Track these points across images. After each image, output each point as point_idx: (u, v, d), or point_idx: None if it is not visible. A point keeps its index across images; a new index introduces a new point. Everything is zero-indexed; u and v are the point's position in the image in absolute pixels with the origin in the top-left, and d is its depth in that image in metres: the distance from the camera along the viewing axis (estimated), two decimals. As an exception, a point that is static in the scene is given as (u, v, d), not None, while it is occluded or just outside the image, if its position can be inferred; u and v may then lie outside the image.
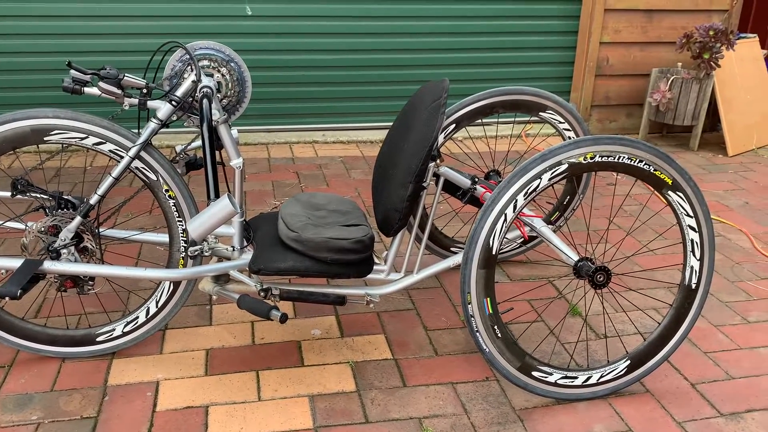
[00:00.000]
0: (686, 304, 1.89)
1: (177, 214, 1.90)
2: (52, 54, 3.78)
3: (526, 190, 1.70)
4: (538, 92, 2.32)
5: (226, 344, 2.10)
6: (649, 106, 4.30)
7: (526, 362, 1.83)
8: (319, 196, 2.11)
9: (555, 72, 4.48)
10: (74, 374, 1.94)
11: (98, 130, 1.80)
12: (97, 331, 1.99)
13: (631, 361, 1.91)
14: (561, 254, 1.88)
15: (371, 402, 1.87)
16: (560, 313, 2.34)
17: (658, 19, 4.34)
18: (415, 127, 1.90)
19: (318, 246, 1.82)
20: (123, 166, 1.81)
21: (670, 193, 1.80)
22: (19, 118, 1.77)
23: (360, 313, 2.31)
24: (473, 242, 1.72)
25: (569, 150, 1.70)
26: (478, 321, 1.77)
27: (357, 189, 3.43)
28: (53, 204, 1.88)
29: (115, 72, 1.77)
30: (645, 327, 2.28)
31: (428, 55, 4.26)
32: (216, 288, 1.93)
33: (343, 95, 4.25)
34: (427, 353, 2.09)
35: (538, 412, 1.85)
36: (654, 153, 1.74)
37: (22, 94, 3.83)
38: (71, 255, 1.85)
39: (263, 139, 4.16)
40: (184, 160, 2.01)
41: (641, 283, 2.57)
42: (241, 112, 1.99)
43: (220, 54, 1.92)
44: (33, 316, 2.21)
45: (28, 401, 1.82)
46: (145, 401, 1.83)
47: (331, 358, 2.05)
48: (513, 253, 2.67)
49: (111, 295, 2.34)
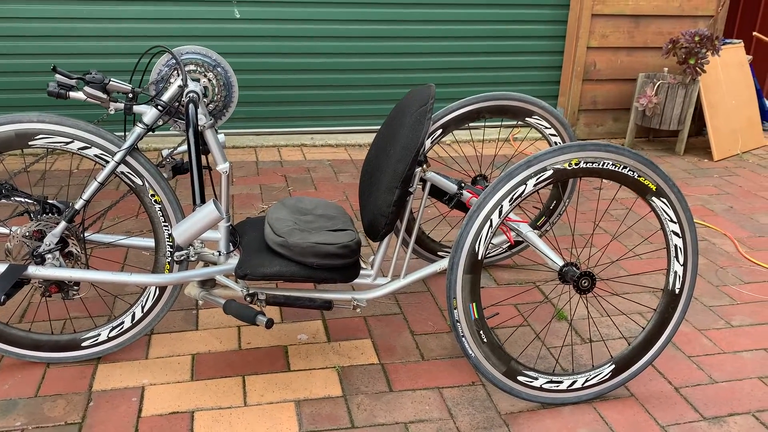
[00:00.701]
0: (670, 309, 1.90)
1: (163, 219, 1.89)
2: (37, 56, 3.76)
3: (511, 196, 1.71)
4: (524, 98, 2.34)
5: (212, 349, 2.09)
6: (635, 111, 4.34)
7: (512, 367, 1.83)
8: (305, 200, 2.11)
9: (542, 76, 4.51)
10: (59, 380, 1.92)
11: (83, 135, 1.79)
12: (82, 336, 1.98)
13: (616, 365, 1.92)
14: (546, 259, 1.89)
15: (357, 407, 1.87)
16: (546, 317, 2.36)
17: (645, 25, 4.38)
18: (401, 133, 1.90)
19: (304, 251, 1.82)
20: (108, 170, 1.80)
21: (654, 199, 1.81)
22: (3, 123, 1.76)
23: (347, 317, 2.31)
24: (459, 247, 1.72)
25: (554, 156, 1.71)
26: (463, 326, 1.77)
27: (345, 192, 3.43)
28: (38, 208, 1.87)
29: (100, 77, 1.76)
30: (630, 331, 2.29)
31: (416, 59, 4.27)
32: (202, 293, 1.93)
33: (331, 98, 4.25)
34: (414, 358, 2.10)
35: (523, 417, 1.86)
36: (638, 159, 1.76)
37: (7, 96, 3.80)
38: (56, 260, 1.84)
39: (251, 142, 4.15)
40: (171, 165, 2.00)
41: (626, 287, 2.59)
42: (227, 116, 1.99)
43: (206, 59, 1.92)
44: (17, 321, 2.19)
45: (12, 407, 1.81)
46: (130, 407, 1.83)
47: (317, 363, 2.05)
48: (499, 258, 2.69)
49: (96, 300, 2.33)
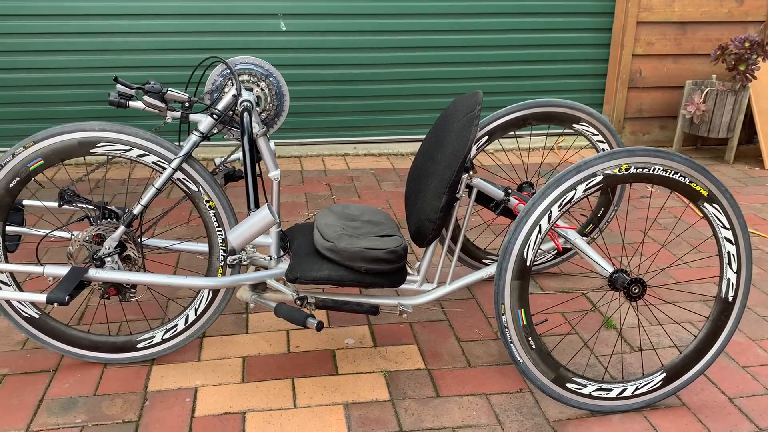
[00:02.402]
0: (723, 317, 1.87)
1: (217, 225, 1.95)
2: (96, 69, 3.92)
3: (560, 202, 1.71)
4: (571, 104, 2.33)
5: (262, 352, 2.13)
6: (683, 119, 4.26)
7: (561, 374, 1.83)
8: (352, 207, 2.14)
9: (587, 84, 4.48)
10: (116, 379, 1.99)
11: (142, 143, 1.87)
12: (138, 338, 2.04)
13: (667, 373, 1.89)
14: (596, 266, 1.88)
15: (405, 411, 1.88)
16: (593, 325, 2.33)
17: (692, 31, 4.31)
18: (448, 139, 1.92)
19: (353, 256, 1.85)
20: (165, 177, 1.87)
21: (705, 205, 1.79)
22: (67, 131, 1.84)
23: (392, 323, 2.33)
24: (507, 253, 1.73)
25: (604, 161, 1.71)
26: (512, 332, 1.77)
27: (388, 201, 3.46)
28: (98, 214, 1.94)
29: (158, 86, 1.83)
30: (680, 340, 2.25)
31: (458, 68, 4.29)
32: (253, 296, 1.97)
33: (374, 108, 4.30)
34: (460, 364, 2.10)
35: (572, 424, 1.84)
36: (689, 165, 1.74)
37: (68, 108, 3.97)
38: (115, 263, 1.91)
39: (296, 152, 4.22)
40: (223, 172, 2.06)
41: (675, 296, 2.54)
42: (279, 125, 2.04)
43: (259, 69, 1.97)
44: (76, 322, 2.28)
45: (72, 405, 1.88)
46: (184, 407, 1.88)
47: (364, 367, 2.07)
48: (546, 266, 2.67)
49: (150, 303, 2.41)
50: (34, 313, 1.98)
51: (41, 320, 1.98)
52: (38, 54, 3.84)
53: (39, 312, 1.98)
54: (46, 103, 3.94)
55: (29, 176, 1.85)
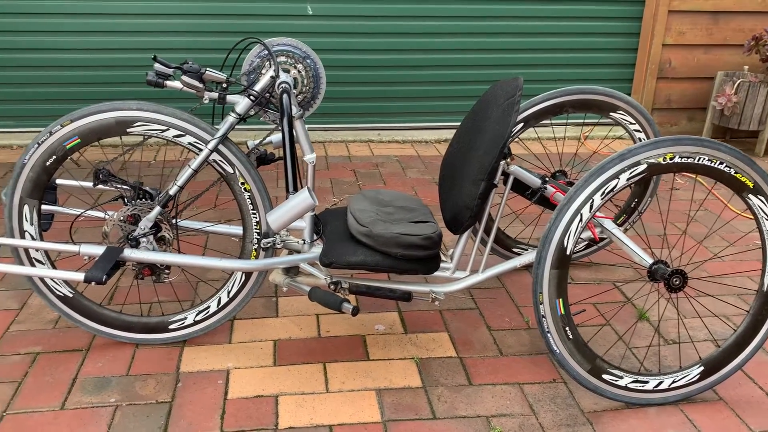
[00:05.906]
0: (764, 311, 1.83)
1: (251, 207, 1.93)
2: (132, 50, 3.93)
3: (603, 190, 1.68)
4: (610, 92, 2.29)
5: (293, 336, 2.13)
6: (713, 110, 4.20)
7: (597, 365, 1.80)
8: (384, 192, 2.12)
9: (615, 74, 4.42)
10: (148, 360, 1.99)
11: (179, 123, 1.85)
12: (170, 319, 2.04)
13: (705, 367, 1.87)
14: (635, 256, 1.85)
15: (438, 399, 1.87)
16: (626, 317, 2.30)
17: (725, 21, 4.23)
18: (487, 125, 1.89)
19: (388, 241, 1.83)
20: (202, 158, 1.85)
21: (750, 196, 1.75)
22: (105, 110, 1.83)
23: (422, 310, 2.31)
24: (547, 241, 1.70)
25: (649, 150, 1.68)
26: (549, 322, 1.75)
27: (414, 188, 3.44)
28: (132, 194, 1.93)
29: (197, 66, 1.81)
30: (716, 334, 2.22)
31: (484, 55, 4.24)
32: (287, 280, 1.96)
33: (399, 95, 4.27)
34: (492, 353, 2.09)
35: (607, 416, 1.82)
36: (735, 155, 1.70)
37: (104, 90, 3.98)
38: (149, 244, 1.91)
39: (320, 138, 4.20)
40: (256, 155, 2.05)
41: (713, 289, 2.50)
42: (315, 107, 2.02)
43: (297, 50, 1.95)
44: (107, 303, 2.28)
45: (106, 384, 1.88)
46: (216, 389, 1.88)
47: (395, 354, 2.06)
48: (577, 256, 2.64)
49: (181, 285, 2.40)
50: (68, 292, 1.98)
51: (75, 299, 1.99)
52: (75, 35, 3.84)
53: (73, 291, 1.98)
54: (81, 83, 3.95)
55: (66, 155, 1.84)
